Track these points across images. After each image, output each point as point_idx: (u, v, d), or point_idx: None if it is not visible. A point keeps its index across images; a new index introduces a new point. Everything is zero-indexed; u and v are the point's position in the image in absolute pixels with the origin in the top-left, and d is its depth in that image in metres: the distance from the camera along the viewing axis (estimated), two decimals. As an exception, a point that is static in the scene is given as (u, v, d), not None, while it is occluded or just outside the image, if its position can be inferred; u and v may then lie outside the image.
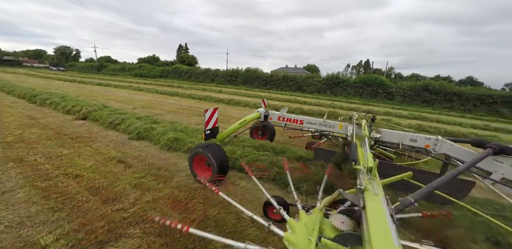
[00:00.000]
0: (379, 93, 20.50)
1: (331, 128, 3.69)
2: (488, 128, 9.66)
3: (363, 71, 78.74)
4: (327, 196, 1.82)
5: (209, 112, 3.34)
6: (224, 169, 3.09)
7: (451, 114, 14.23)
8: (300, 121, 3.92)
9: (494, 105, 16.15)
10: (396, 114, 11.32)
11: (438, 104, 17.81)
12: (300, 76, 26.73)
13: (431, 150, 2.82)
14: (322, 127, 3.73)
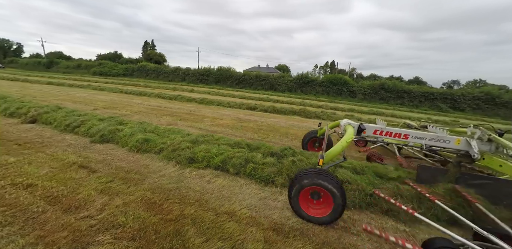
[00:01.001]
0: (343, 91, 22.25)
1: (445, 143, 3.13)
2: (430, 120, 11.33)
3: (330, 71, 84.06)
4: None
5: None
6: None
7: (402, 110, 16.34)
8: (405, 135, 3.25)
9: (435, 101, 19.07)
10: (358, 111, 12.47)
11: (392, 101, 20.21)
12: (272, 76, 27.39)
13: None
14: (433, 142, 3.16)
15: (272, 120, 8.24)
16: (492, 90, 18.73)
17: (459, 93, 19.09)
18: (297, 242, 2.18)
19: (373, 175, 3.34)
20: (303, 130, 7.08)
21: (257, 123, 7.49)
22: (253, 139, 5.57)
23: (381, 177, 3.33)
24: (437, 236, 2.09)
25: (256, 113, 9.66)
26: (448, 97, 19.12)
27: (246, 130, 6.48)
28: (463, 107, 18.45)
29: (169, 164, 3.75)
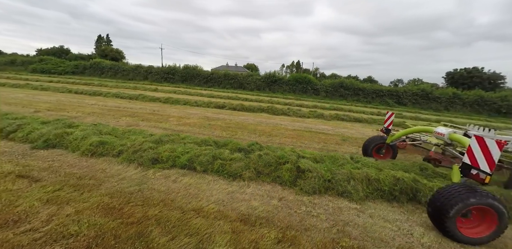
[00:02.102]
0: (308, 89, 23.65)
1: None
2: (380, 114, 12.96)
3: (295, 70, 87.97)
4: None
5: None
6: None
7: (358, 105, 18.26)
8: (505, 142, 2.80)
9: (383, 97, 21.83)
10: (321, 107, 13.45)
11: (350, 98, 22.36)
12: (241, 75, 27.44)
13: None
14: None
15: (241, 118, 8.32)
16: (427, 88, 22.23)
17: (402, 90, 22.20)
18: (263, 229, 2.31)
19: (330, 163, 3.70)
20: (270, 126, 7.33)
21: (225, 122, 7.48)
22: (221, 137, 5.57)
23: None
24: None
25: (224, 112, 9.62)
26: (394, 93, 22.05)
27: (214, 128, 6.43)
28: (405, 102, 21.49)
29: (129, 167, 3.52)
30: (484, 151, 2.40)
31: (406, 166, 3.82)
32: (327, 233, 2.32)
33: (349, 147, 5.45)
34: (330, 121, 9.30)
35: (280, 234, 2.24)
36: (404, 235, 2.37)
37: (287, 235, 2.23)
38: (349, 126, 8.60)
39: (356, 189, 3.08)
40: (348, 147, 5.45)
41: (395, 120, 10.57)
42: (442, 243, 2.29)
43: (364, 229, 2.41)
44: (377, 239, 2.27)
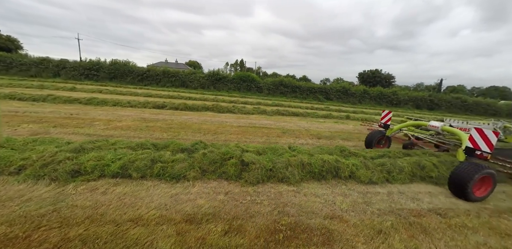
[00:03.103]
0: (252, 87, 24.55)
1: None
2: (313, 108, 14.92)
3: (239, 69, 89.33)
4: None
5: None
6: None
7: (296, 101, 20.42)
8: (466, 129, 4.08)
9: (316, 93, 25.22)
10: (264, 104, 14.27)
11: (288, 95, 24.69)
12: (183, 72, 25.71)
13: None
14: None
15: (184, 118, 7.90)
16: (346, 85, 27.06)
17: (329, 87, 26.16)
18: (209, 224, 2.34)
19: (271, 154, 4.04)
20: (216, 124, 7.28)
21: (166, 122, 6.95)
22: (162, 138, 5.16)
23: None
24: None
25: (165, 112, 8.89)
26: (323, 90, 25.73)
27: (153, 130, 5.88)
28: (332, 98, 25.49)
29: (38, 184, 2.84)
30: (484, 138, 3.43)
31: (330, 149, 4.59)
32: (269, 216, 2.56)
33: (288, 138, 6.06)
34: (272, 117, 10.00)
35: (226, 226, 2.32)
36: (329, 205, 2.88)
37: (234, 225, 2.34)
38: (288, 120, 9.50)
39: (293, 174, 3.49)
40: (287, 138, 6.05)
41: (324, 112, 12.42)
42: (355, 206, 2.91)
43: (300, 207, 2.79)
44: (310, 212, 2.67)
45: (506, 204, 3.33)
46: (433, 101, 26.91)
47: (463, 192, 3.28)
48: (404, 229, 2.49)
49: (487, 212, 3.01)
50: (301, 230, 2.35)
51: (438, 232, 2.48)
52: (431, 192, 3.46)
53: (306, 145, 5.47)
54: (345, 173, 3.68)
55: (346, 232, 2.37)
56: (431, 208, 2.98)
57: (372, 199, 3.12)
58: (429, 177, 3.83)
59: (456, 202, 3.22)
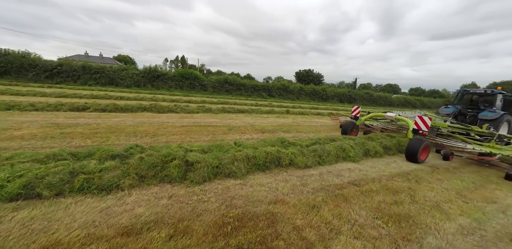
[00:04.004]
0: (196, 85, 23.51)
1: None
2: (257, 105, 15.63)
3: (181, 66, 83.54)
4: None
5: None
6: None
7: (241, 98, 20.91)
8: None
9: (260, 91, 26.56)
10: (209, 102, 13.95)
11: (234, 92, 25.10)
12: (111, 68, 21.94)
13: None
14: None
15: (115, 120, 6.84)
16: (286, 83, 29.63)
17: (271, 85, 28.03)
18: (152, 232, 2.17)
19: (217, 151, 4.04)
20: (155, 125, 6.65)
21: (90, 127, 5.84)
22: (84, 146, 4.33)
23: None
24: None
25: (87, 115, 7.44)
26: (266, 88, 27.33)
27: (71, 137, 4.85)
28: (274, 95, 27.44)
29: None
30: (423, 122, 5.22)
31: (272, 141, 4.97)
32: (217, 211, 2.58)
33: (234, 135, 6.17)
34: (218, 115, 9.91)
35: (171, 230, 2.21)
36: (273, 191, 3.14)
37: (180, 228, 2.25)
38: (234, 117, 9.63)
39: (240, 168, 3.62)
40: (233, 135, 6.15)
41: (267, 109, 13.23)
42: (294, 189, 3.28)
43: (247, 197, 2.93)
44: (256, 201, 2.85)
45: (396, 170, 4.47)
46: (351, 96, 32.84)
47: (415, 158, 4.99)
48: (331, 200, 3.00)
49: (385, 178, 3.98)
50: (248, 218, 2.49)
51: (354, 198, 3.11)
52: (350, 168, 4.27)
53: (252, 140, 5.72)
54: (286, 161, 4.08)
55: (287, 212, 2.66)
56: (350, 180, 3.70)
57: (308, 180, 3.59)
58: (348, 157, 4.71)
59: (366, 173, 4.10)
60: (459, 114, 8.38)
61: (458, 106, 8.58)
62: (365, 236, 2.35)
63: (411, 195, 3.34)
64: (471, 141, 6.18)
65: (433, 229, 2.55)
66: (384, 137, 6.34)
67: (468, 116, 8.12)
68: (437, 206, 3.09)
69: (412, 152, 4.97)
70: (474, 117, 7.81)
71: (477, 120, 7.56)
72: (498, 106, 7.90)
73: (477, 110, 8.01)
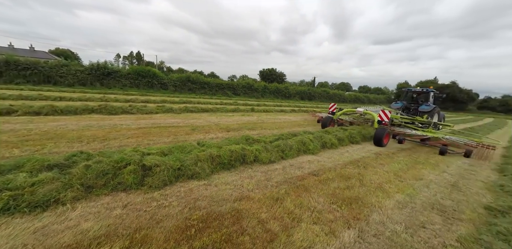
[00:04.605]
0: (154, 84, 21.76)
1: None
2: (222, 103, 15.41)
3: (137, 62, 76.19)
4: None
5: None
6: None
7: (205, 97, 20.28)
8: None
9: (224, 89, 26.20)
10: (170, 101, 13.12)
11: (197, 91, 24.10)
12: (46, 63, 18.50)
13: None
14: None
15: (52, 125, 5.85)
16: (250, 82, 30.06)
17: (236, 84, 27.90)
18: (102, 247, 1.95)
19: (179, 152, 3.85)
20: (106, 128, 5.94)
21: (18, 133, 4.87)
22: (9, 157, 3.59)
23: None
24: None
25: (14, 119, 6.18)
26: (231, 86, 27.13)
27: (-10, 148, 3.96)
28: (239, 93, 27.48)
29: None
30: (385, 114, 6.92)
31: (237, 139, 4.98)
32: (180, 215, 2.47)
33: (198, 135, 5.96)
34: (180, 115, 9.41)
35: (127, 242, 2.03)
36: (238, 189, 3.16)
37: (137, 238, 2.08)
38: (197, 116, 9.29)
39: (203, 168, 3.52)
40: (197, 135, 5.94)
41: (232, 107, 13.17)
42: (259, 184, 3.37)
43: (211, 197, 2.88)
44: (221, 200, 2.83)
45: (348, 159, 5.00)
46: (311, 94, 35.22)
47: (380, 143, 6.45)
48: (293, 191, 3.19)
49: (339, 166, 4.42)
50: (213, 218, 2.45)
51: (313, 187, 3.36)
52: (310, 160, 4.60)
53: (216, 139, 5.62)
54: (250, 158, 4.15)
55: (252, 208, 2.71)
56: (310, 171, 3.98)
57: (272, 175, 3.73)
58: (308, 150, 5.06)
59: (324, 164, 4.48)
60: (405, 108, 10.29)
61: (404, 102, 10.44)
62: (322, 221, 2.57)
63: (360, 180, 3.79)
64: (416, 127, 8.06)
65: (377, 207, 2.96)
66: (338, 130, 7.00)
67: (412, 110, 10.06)
68: (380, 187, 3.58)
69: (378, 138, 6.41)
70: (416, 110, 9.72)
71: (417, 112, 9.51)
72: (431, 101, 9.91)
73: (417, 105, 9.99)
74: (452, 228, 2.64)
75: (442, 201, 3.32)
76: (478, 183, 4.24)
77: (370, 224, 2.59)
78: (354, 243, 2.26)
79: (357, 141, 6.68)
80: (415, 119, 8.58)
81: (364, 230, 2.47)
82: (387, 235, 2.42)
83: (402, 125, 8.50)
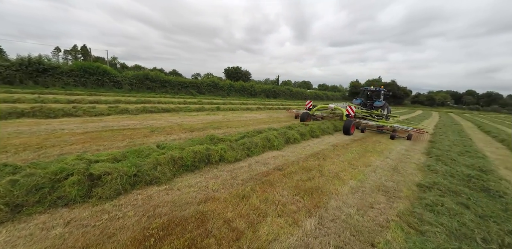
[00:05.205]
0: (106, 82, 19.34)
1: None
2: (186, 102, 14.76)
3: (82, 58, 66.54)
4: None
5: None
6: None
7: (167, 96, 19.01)
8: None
9: (188, 88, 24.95)
10: (126, 101, 11.87)
11: (158, 90, 22.35)
12: None
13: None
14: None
15: (-38, 134, 4.67)
16: (215, 80, 29.21)
17: (200, 82, 26.81)
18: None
19: (135, 157, 3.52)
20: (41, 134, 5.03)
21: None
22: None
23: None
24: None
25: None
26: (195, 85, 25.98)
27: None
28: (204, 92, 26.56)
29: None
30: (351, 109, 8.80)
31: (201, 140, 4.81)
32: (136, 226, 2.26)
33: (158, 137, 5.54)
34: (137, 116, 8.59)
35: (70, 264, 1.77)
36: (203, 190, 3.06)
37: (83, 258, 1.83)
38: (158, 117, 8.64)
39: (164, 172, 3.30)
40: (157, 137, 5.51)
41: (197, 106, 12.67)
42: (225, 183, 3.32)
43: (173, 202, 2.72)
44: (184, 204, 2.69)
45: (309, 152, 5.34)
46: (275, 92, 36.39)
47: (348, 132, 7.76)
48: (259, 188, 3.24)
49: (302, 159, 4.68)
50: (175, 224, 2.32)
51: (278, 181, 3.48)
52: (274, 156, 4.74)
53: (179, 140, 5.32)
54: (216, 158, 4.06)
55: (217, 208, 2.66)
56: (275, 167, 4.11)
57: (238, 173, 3.72)
58: (273, 146, 5.21)
59: (288, 158, 4.68)
60: (363, 104, 12.44)
61: (362, 99, 12.57)
62: (287, 213, 2.69)
63: (320, 170, 4.08)
64: (373, 119, 10.29)
65: (334, 194, 3.23)
66: (300, 125, 7.40)
67: (368, 105, 12.26)
68: (337, 176, 3.93)
69: (347, 128, 7.85)
70: (371, 105, 11.98)
71: (373, 107, 11.77)
72: (382, 98, 12.26)
73: (372, 101, 12.23)
74: (394, 205, 3.07)
75: (385, 183, 3.83)
76: (412, 165, 5.02)
77: (328, 210, 2.82)
78: (315, 230, 2.42)
79: (317, 135, 7.18)
80: (372, 112, 10.84)
81: (323, 216, 2.68)
82: (342, 218, 2.67)
83: (362, 117, 10.44)
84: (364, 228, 2.52)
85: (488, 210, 2.98)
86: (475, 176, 4.14)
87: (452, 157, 5.55)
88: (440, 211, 2.85)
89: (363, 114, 10.60)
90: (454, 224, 2.58)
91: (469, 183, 3.91)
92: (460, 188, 3.57)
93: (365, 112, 10.74)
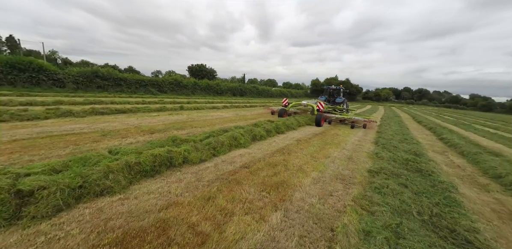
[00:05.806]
0: (42, 80, 16.33)
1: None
2: (145, 102, 13.62)
3: (9, 51, 54.97)
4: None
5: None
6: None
7: (122, 96, 17.18)
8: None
9: (147, 86, 22.87)
10: (69, 102, 10.24)
11: (111, 89, 19.93)
12: None
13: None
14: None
15: None
16: (178, 78, 27.43)
17: (161, 80, 24.87)
18: None
19: (80, 166, 3.07)
20: None
21: None
22: None
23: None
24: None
25: None
26: (155, 83, 23.99)
27: None
28: (165, 90, 24.80)
29: None
30: (321, 105, 10.54)
31: (161, 142, 4.49)
32: (83, 245, 1.98)
33: (110, 141, 4.95)
34: (84, 118, 7.51)
35: None
36: (165, 196, 2.86)
37: (10, 292, 1.51)
38: (111, 119, 7.71)
39: (117, 180, 2.96)
40: (109, 141, 4.91)
41: (157, 106, 11.79)
42: (189, 186, 3.17)
43: (129, 213, 2.46)
44: (142, 213, 2.47)
45: (275, 148, 5.50)
46: (242, 90, 36.36)
47: (319, 124, 9.40)
48: (226, 187, 3.19)
49: (268, 155, 4.78)
50: (131, 237, 2.11)
51: (245, 179, 3.48)
52: (241, 154, 4.73)
53: (136, 143, 4.85)
54: (179, 160, 3.83)
55: (181, 213, 2.51)
56: (241, 165, 4.10)
57: (203, 174, 3.59)
58: (240, 144, 5.19)
59: (255, 155, 4.72)
60: (327, 100, 14.28)
61: (326, 96, 14.42)
62: (253, 209, 2.70)
63: (285, 165, 4.23)
64: (336, 113, 12.30)
65: (298, 186, 3.39)
66: (266, 122, 7.56)
67: (331, 101, 14.26)
68: (301, 169, 4.13)
69: (318, 120, 9.46)
70: (334, 101, 14.10)
71: (335, 103, 13.87)
72: (341, 95, 14.60)
73: (334, 98, 14.34)
74: (349, 191, 3.38)
75: (342, 171, 4.19)
76: (363, 154, 5.63)
77: (293, 202, 2.94)
78: (281, 223, 2.50)
79: (282, 131, 7.44)
80: (336, 107, 13.10)
81: (288, 209, 2.78)
82: (306, 208, 2.82)
83: (327, 112, 12.27)
84: (324, 215, 2.71)
85: (421, 187, 3.53)
86: (411, 159, 4.87)
87: (394, 144, 6.42)
88: (386, 192, 3.26)
89: (328, 109, 12.36)
90: (396, 202, 2.98)
91: (407, 165, 4.58)
92: (400, 171, 4.14)
93: (329, 108, 12.56)
